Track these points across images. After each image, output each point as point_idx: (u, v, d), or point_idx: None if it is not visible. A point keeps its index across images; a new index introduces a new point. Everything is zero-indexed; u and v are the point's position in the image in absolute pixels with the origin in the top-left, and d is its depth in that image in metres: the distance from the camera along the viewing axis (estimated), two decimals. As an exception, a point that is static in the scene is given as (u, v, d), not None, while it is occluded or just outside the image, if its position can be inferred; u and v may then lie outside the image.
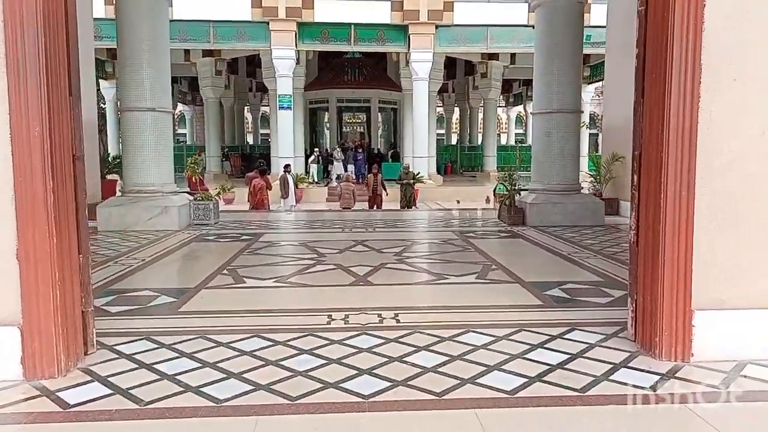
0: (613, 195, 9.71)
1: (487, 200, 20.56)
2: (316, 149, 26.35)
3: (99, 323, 3.59)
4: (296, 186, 20.34)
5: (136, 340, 3.41)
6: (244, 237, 7.44)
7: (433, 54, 21.62)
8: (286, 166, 16.10)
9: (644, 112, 3.13)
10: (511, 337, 3.40)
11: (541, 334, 3.45)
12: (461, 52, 23.51)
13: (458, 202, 19.63)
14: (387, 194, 15.23)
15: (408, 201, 15.01)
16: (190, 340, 3.40)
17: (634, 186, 3.26)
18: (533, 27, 21.48)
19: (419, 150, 21.98)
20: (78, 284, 3.10)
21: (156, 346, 3.31)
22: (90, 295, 3.23)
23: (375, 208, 14.48)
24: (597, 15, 18.54)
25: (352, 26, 21.49)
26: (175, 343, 3.34)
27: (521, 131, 46.01)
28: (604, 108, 10.27)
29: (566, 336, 3.42)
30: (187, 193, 11.03)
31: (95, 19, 21.43)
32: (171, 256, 6.24)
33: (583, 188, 9.04)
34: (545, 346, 3.25)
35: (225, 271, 5.34)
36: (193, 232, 7.93)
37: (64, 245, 2.96)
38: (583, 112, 8.62)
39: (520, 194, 8.73)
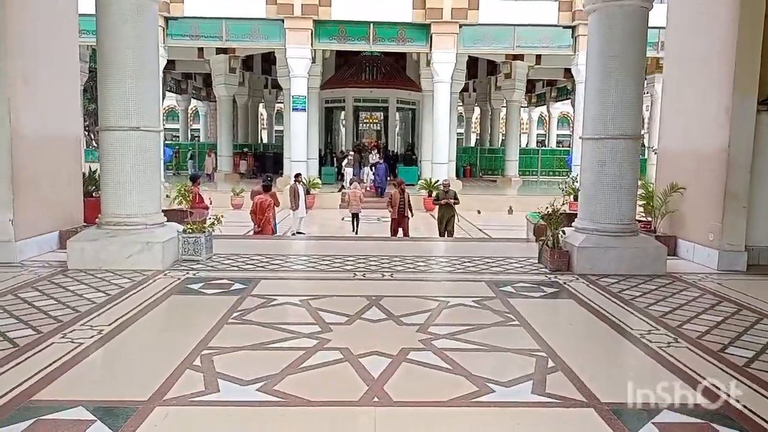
0: (670, 232, 8.24)
1: (510, 211, 19.12)
2: (351, 151, 24.63)
3: None
4: (308, 192, 19.06)
5: None
6: (236, 286, 6.11)
7: (456, 54, 20.10)
8: (297, 176, 14.73)
9: None
10: None
11: None
12: (486, 52, 22.05)
13: (479, 212, 18.28)
14: (413, 215, 12.57)
15: (447, 227, 12.03)
16: None
17: None
18: (563, 27, 20.10)
19: (439, 156, 20.55)
20: None
21: None
22: None
23: (399, 233, 12.14)
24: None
25: (371, 24, 20.05)
26: None
27: (542, 132, 44.24)
28: (661, 128, 8.81)
29: None
30: (184, 212, 9.81)
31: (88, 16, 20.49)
32: (138, 323, 4.91)
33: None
34: None
35: (197, 361, 4.01)
36: (178, 273, 6.62)
37: None
38: (643, 137, 7.12)
39: (564, 233, 7.30)
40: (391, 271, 6.99)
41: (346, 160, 22.31)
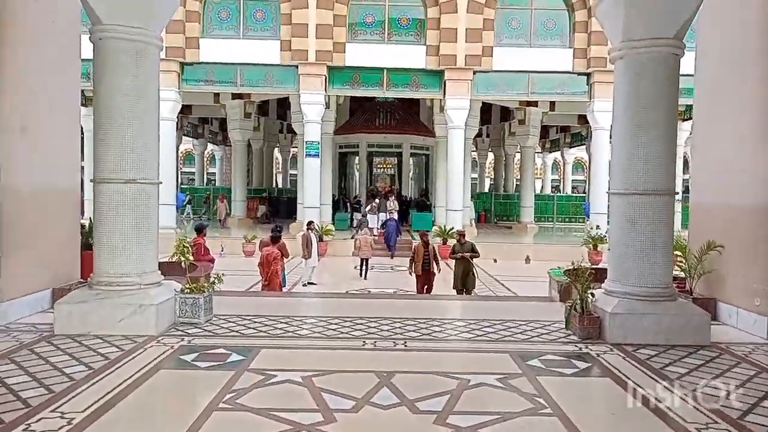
0: (708, 293, 7.49)
1: (527, 260, 18.40)
2: (376, 199, 23.10)
3: None
4: (321, 240, 18.52)
5: None
6: (234, 357, 5.45)
7: (470, 101, 19.75)
8: (309, 223, 14.20)
9: None
10: None
11: None
12: (500, 98, 21.68)
13: (495, 261, 17.53)
14: (439, 270, 11.22)
15: (464, 283, 10.69)
16: None
17: None
18: (578, 74, 19.70)
19: (453, 203, 19.94)
20: None
21: None
22: None
23: (425, 290, 11.06)
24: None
25: (385, 71, 19.83)
26: None
27: (556, 177, 43.68)
28: (692, 178, 8.16)
29: None
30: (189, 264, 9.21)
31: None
32: (117, 408, 4.25)
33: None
34: None
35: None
36: (172, 340, 5.98)
37: None
38: (678, 192, 6.48)
39: (593, 296, 6.59)
40: (405, 338, 6.29)
41: (369, 207, 21.61)
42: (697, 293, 7.55)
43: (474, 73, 19.49)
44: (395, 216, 19.82)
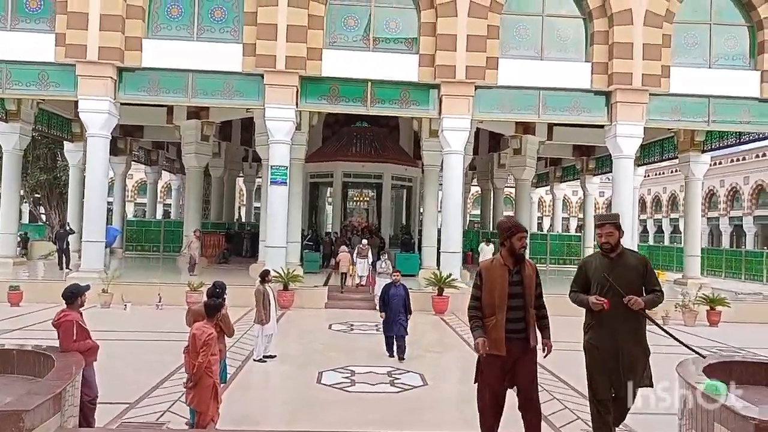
0: None
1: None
2: (364, 239, 17.86)
3: None
4: (286, 288, 14.11)
5: None
6: None
7: (471, 121, 15.81)
8: (265, 274, 9.54)
9: None
10: None
11: None
12: (505, 119, 17.84)
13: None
14: (549, 349, 4.66)
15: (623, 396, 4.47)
16: None
17: None
18: (595, 93, 15.89)
19: (451, 243, 15.74)
20: None
21: None
22: None
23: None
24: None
25: (369, 83, 15.73)
26: None
27: (539, 215, 40.15)
28: None
29: None
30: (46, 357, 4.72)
31: (42, 63, 15.66)
32: None
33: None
34: None
35: None
36: None
37: None
38: None
39: None
40: None
41: (357, 250, 17.00)
42: None
43: (476, 88, 15.58)
44: (398, 277, 10.08)
